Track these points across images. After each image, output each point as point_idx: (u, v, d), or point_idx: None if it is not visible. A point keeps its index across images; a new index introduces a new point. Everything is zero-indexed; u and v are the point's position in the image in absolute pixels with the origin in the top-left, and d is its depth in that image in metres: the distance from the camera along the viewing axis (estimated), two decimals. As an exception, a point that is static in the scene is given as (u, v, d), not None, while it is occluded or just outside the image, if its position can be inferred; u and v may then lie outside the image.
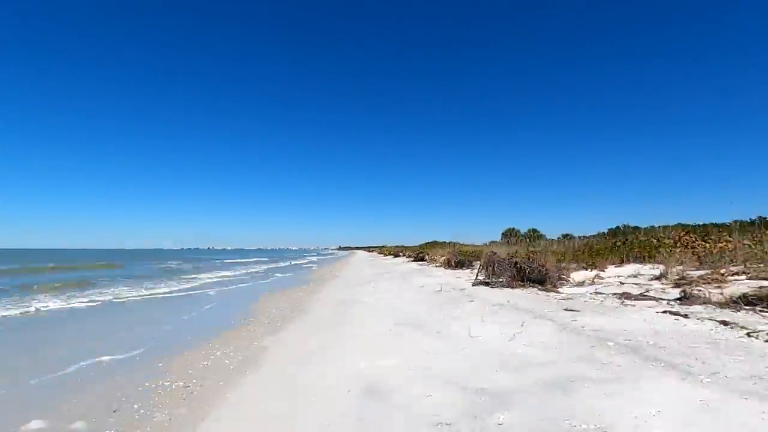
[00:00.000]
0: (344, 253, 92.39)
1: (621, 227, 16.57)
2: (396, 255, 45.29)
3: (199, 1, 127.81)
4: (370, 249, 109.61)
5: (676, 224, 18.38)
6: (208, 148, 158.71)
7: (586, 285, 8.40)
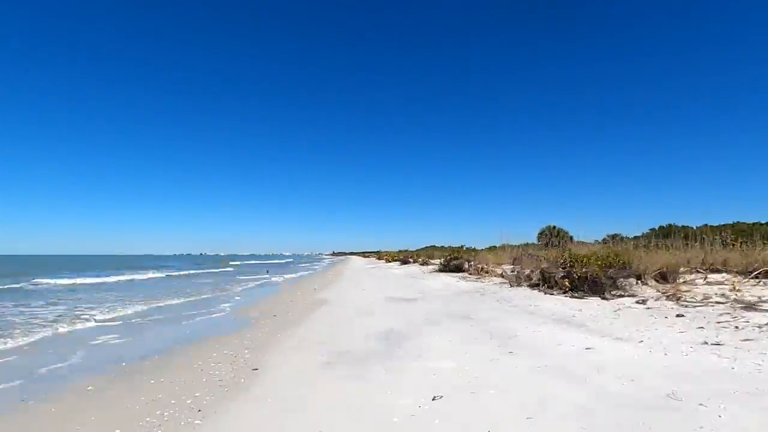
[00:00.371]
0: (337, 260, 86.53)
1: (669, 226, 14.14)
2: (404, 261, 37.12)
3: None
4: (366, 254, 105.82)
5: (723, 224, 15.99)
6: (198, 151, 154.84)
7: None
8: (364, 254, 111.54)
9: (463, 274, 16.66)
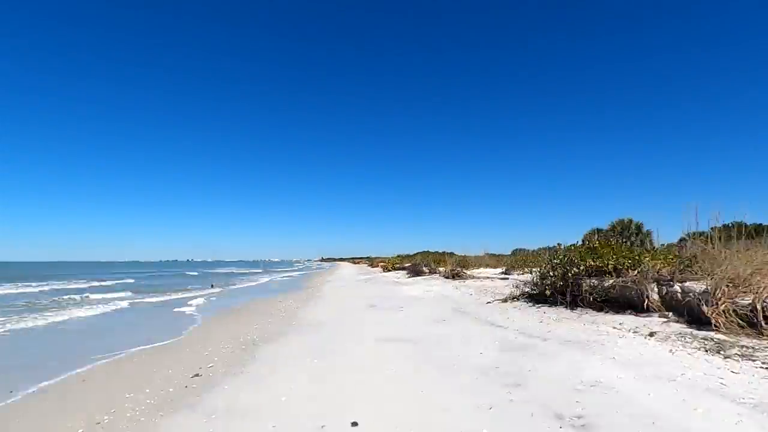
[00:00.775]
0: (320, 267, 78.71)
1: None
2: (416, 272, 24.39)
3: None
4: (356, 260, 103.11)
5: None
6: (187, 154, 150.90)
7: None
8: (354, 260, 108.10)
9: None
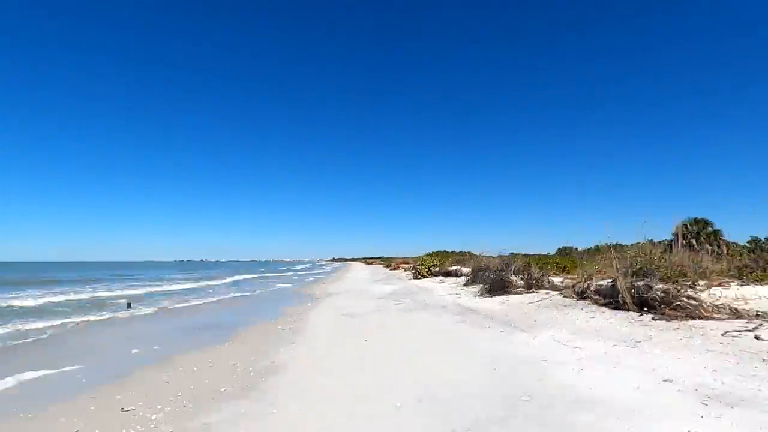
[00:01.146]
0: (332, 268, 74.72)
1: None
2: (493, 285, 12.21)
3: None
4: (368, 261, 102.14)
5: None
6: (198, 153, 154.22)
7: None
8: (367, 260, 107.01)
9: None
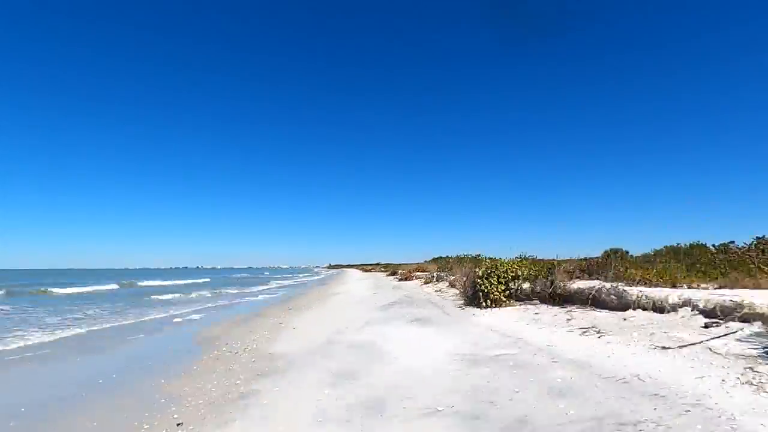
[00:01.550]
0: (326, 275, 71.90)
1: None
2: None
3: None
4: (366, 267, 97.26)
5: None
6: (195, 155, 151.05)
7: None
8: (364, 267, 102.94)
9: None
